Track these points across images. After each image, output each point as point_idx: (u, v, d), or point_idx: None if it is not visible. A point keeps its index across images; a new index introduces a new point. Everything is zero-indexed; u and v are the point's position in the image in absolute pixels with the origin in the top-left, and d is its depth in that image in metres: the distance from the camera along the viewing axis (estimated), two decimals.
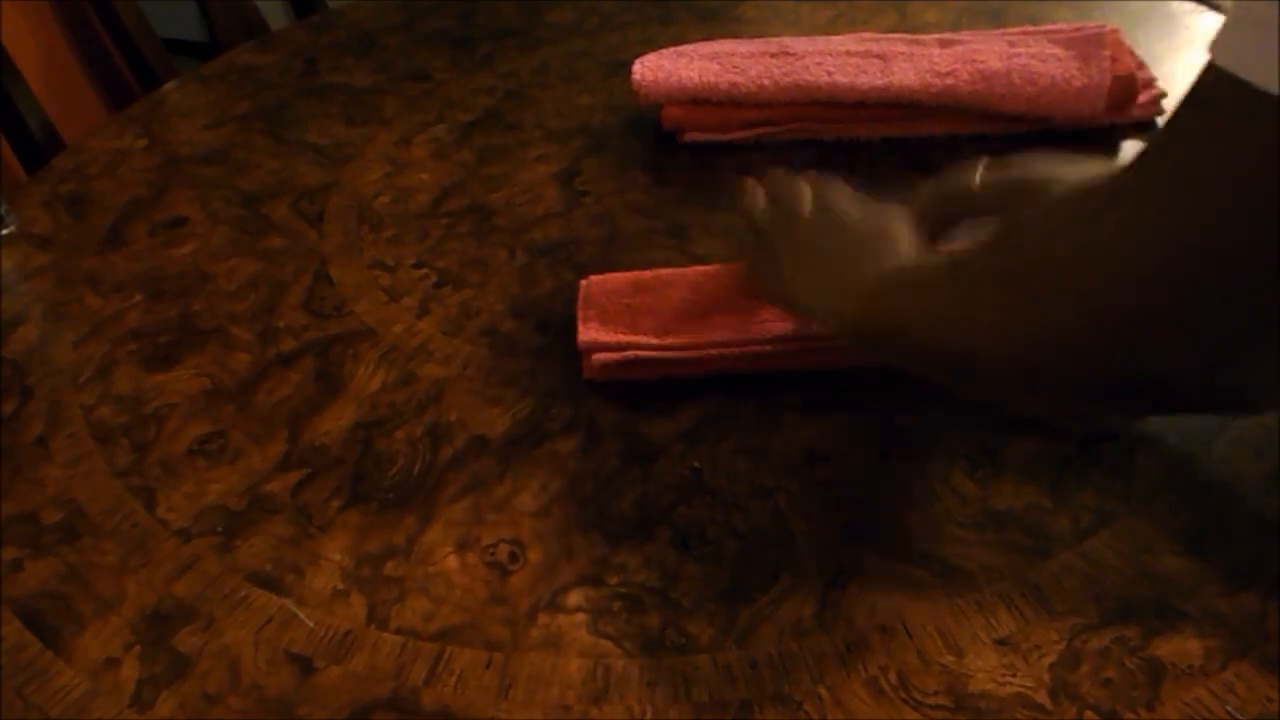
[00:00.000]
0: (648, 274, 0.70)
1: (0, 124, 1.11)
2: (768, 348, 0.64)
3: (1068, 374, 0.46)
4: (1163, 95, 0.81)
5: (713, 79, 0.83)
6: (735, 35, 0.90)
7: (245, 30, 1.27)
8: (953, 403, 0.62)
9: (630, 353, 0.64)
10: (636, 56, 0.85)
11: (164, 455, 0.65)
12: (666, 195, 0.84)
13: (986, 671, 0.50)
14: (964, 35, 0.86)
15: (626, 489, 0.60)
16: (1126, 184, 0.42)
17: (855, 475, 0.60)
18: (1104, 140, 0.81)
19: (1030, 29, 0.86)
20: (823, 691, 0.50)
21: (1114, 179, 0.43)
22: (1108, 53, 0.80)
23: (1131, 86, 0.80)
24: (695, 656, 0.52)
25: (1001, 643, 0.51)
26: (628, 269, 0.71)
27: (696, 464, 0.61)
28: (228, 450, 0.65)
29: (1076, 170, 0.67)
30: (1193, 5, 0.96)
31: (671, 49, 0.87)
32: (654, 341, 0.65)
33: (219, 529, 0.60)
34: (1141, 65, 0.82)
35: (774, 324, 0.65)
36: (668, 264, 0.72)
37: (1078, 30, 0.84)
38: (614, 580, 0.56)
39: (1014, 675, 0.50)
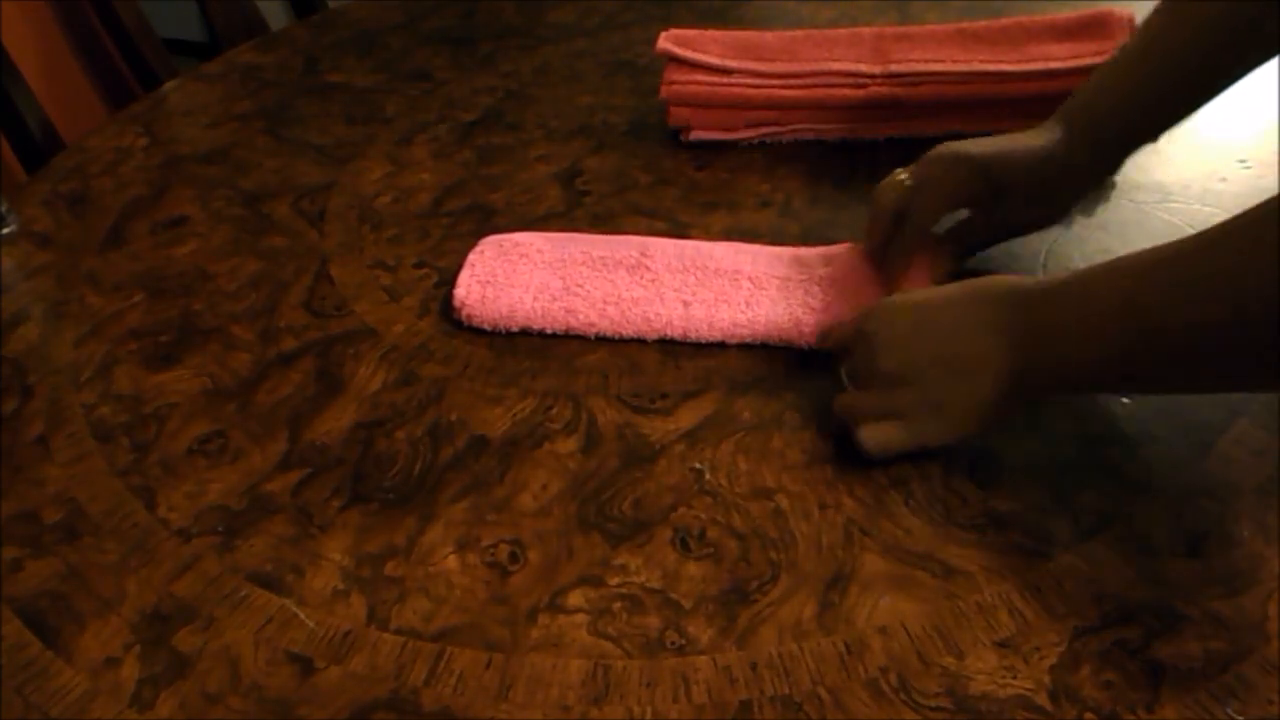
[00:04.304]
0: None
1: (0, 124, 1.11)
2: None
3: None
4: None
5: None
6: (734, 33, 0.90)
7: (245, 30, 1.27)
8: None
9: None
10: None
11: (164, 455, 0.65)
12: (666, 195, 0.84)
13: (987, 673, 0.50)
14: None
15: (626, 489, 0.60)
16: None
17: (855, 476, 0.60)
18: None
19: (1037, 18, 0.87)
20: (823, 693, 0.50)
21: None
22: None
23: None
24: (695, 657, 0.52)
25: (1002, 644, 0.51)
26: None
27: (697, 464, 0.61)
28: (228, 450, 0.65)
29: (1028, 140, 0.67)
30: None
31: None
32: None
33: (219, 529, 0.60)
34: None
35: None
36: None
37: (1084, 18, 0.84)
38: (614, 581, 0.56)
39: (1014, 677, 0.50)
